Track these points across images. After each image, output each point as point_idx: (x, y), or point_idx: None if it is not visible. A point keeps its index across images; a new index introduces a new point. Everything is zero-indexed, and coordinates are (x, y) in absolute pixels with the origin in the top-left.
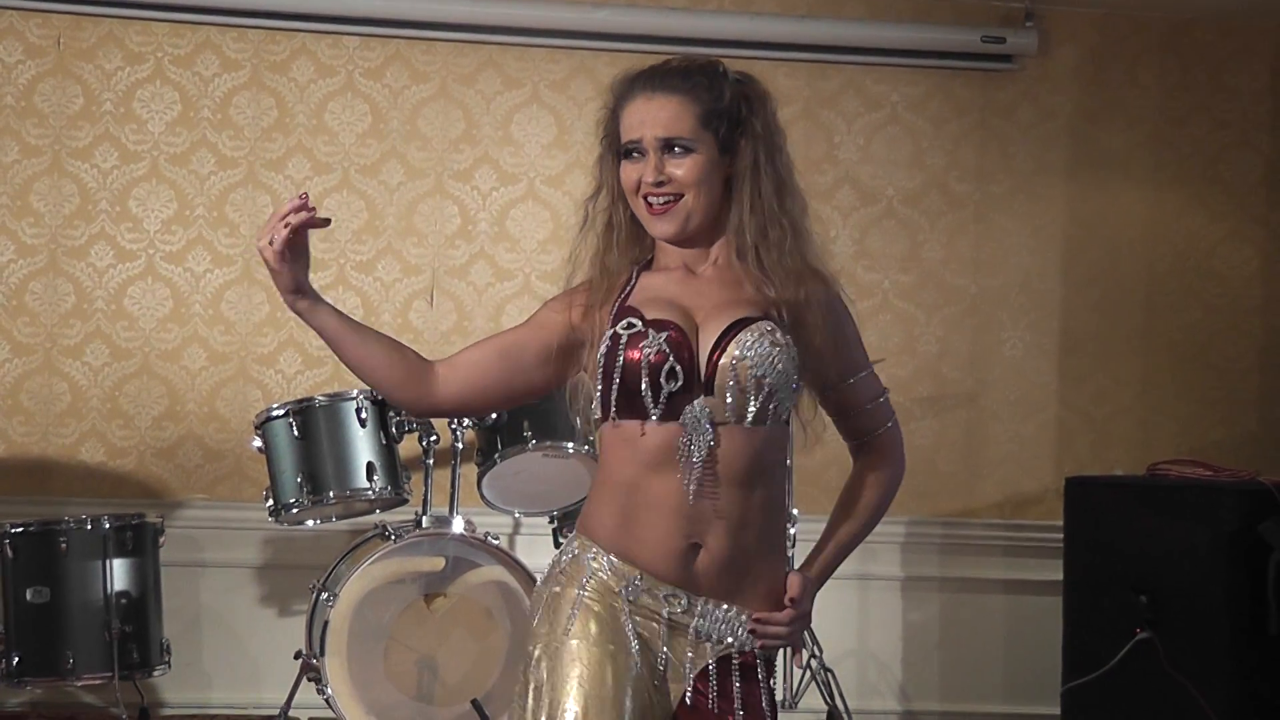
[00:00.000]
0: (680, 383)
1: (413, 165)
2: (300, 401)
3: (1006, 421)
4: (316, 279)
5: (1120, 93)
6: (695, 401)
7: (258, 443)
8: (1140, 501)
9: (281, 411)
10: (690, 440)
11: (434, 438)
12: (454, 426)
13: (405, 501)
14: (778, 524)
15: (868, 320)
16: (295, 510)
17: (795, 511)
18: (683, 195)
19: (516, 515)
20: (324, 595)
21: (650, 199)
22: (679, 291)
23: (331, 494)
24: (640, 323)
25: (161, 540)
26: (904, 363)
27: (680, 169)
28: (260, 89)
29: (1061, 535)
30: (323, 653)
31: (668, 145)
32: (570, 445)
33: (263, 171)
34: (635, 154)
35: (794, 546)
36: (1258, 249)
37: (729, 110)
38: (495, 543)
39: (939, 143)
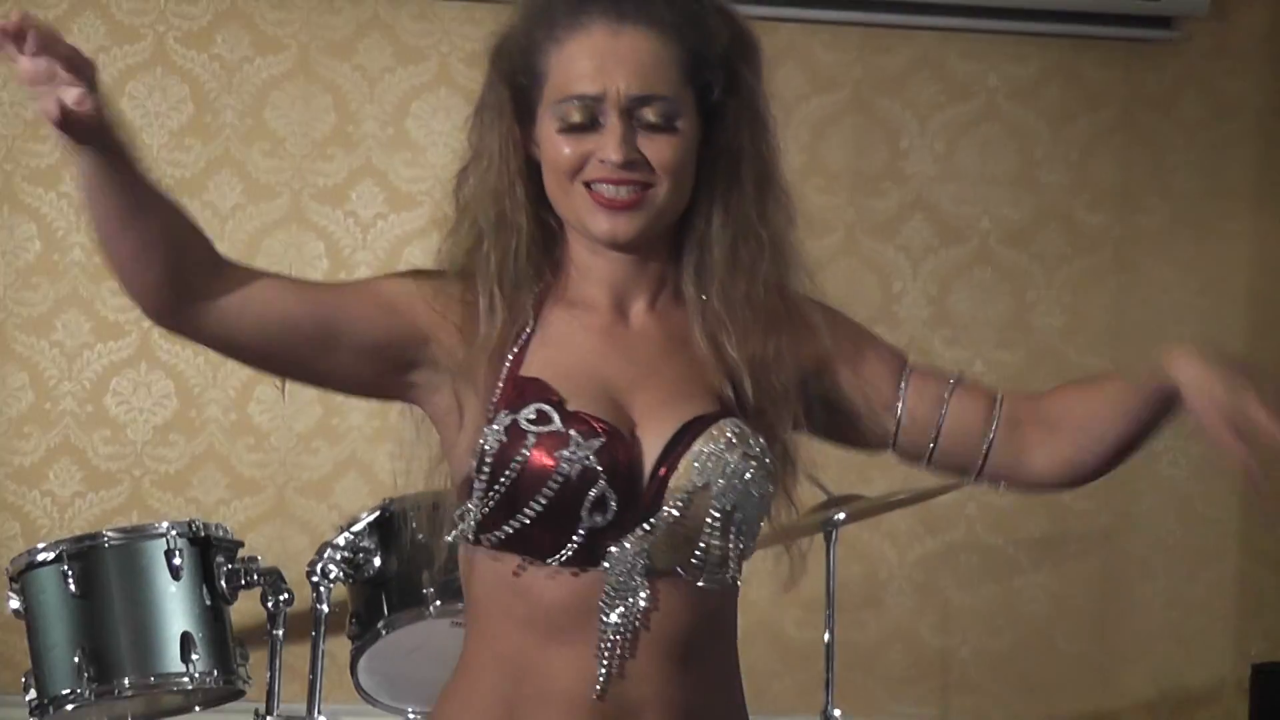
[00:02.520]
0: (610, 517)
1: (256, 178)
2: (80, 540)
3: (1162, 576)
4: (111, 349)
5: None
6: (626, 541)
7: (14, 603)
8: None
9: (51, 555)
10: (615, 598)
11: (285, 596)
12: (315, 579)
13: (241, 694)
14: (734, 692)
15: None
16: (71, 705)
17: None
18: (652, 185)
19: (411, 716)
20: None
21: (606, 186)
22: (604, 354)
23: (127, 682)
24: (556, 416)
25: None
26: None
27: (658, 147)
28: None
29: None
30: None
31: (640, 107)
32: None
33: (23, 186)
34: (580, 116)
35: None
36: None
37: (721, 59)
38: None
39: (1059, 150)
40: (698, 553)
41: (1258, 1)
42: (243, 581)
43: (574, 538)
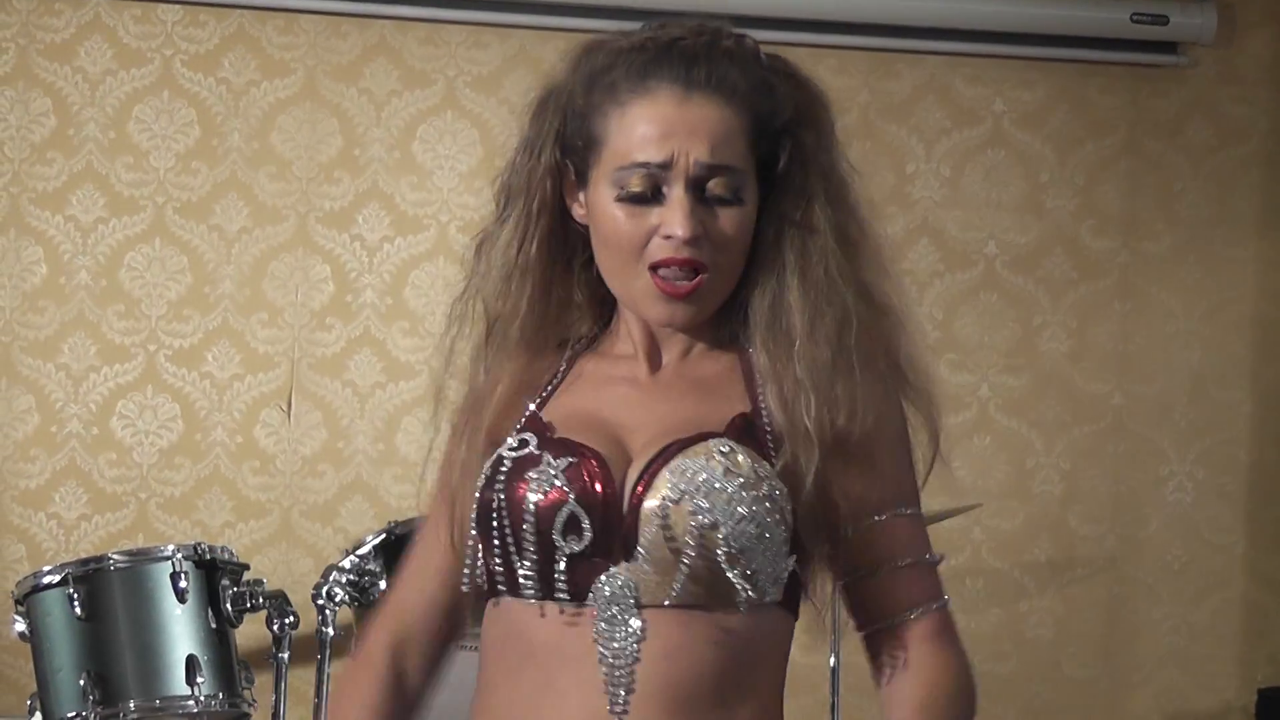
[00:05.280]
0: (586, 541)
1: (261, 202)
2: (85, 563)
3: (1168, 602)
4: (117, 372)
5: None
6: (613, 570)
7: (20, 626)
8: None
9: (56, 578)
10: (609, 636)
11: (290, 619)
12: (321, 602)
13: (247, 717)
14: None
15: (956, 446)
16: None
17: None
18: (710, 269)
19: None
20: None
21: (669, 270)
22: (620, 400)
23: (133, 705)
24: (535, 441)
25: None
26: (1010, 510)
27: (722, 221)
28: (30, 83)
29: None
30: None
31: (708, 179)
32: None
33: (29, 209)
34: (642, 186)
35: None
36: None
37: (786, 127)
38: None
39: (1066, 175)
40: (681, 576)
41: (1265, 28)
42: (248, 605)
43: (557, 570)
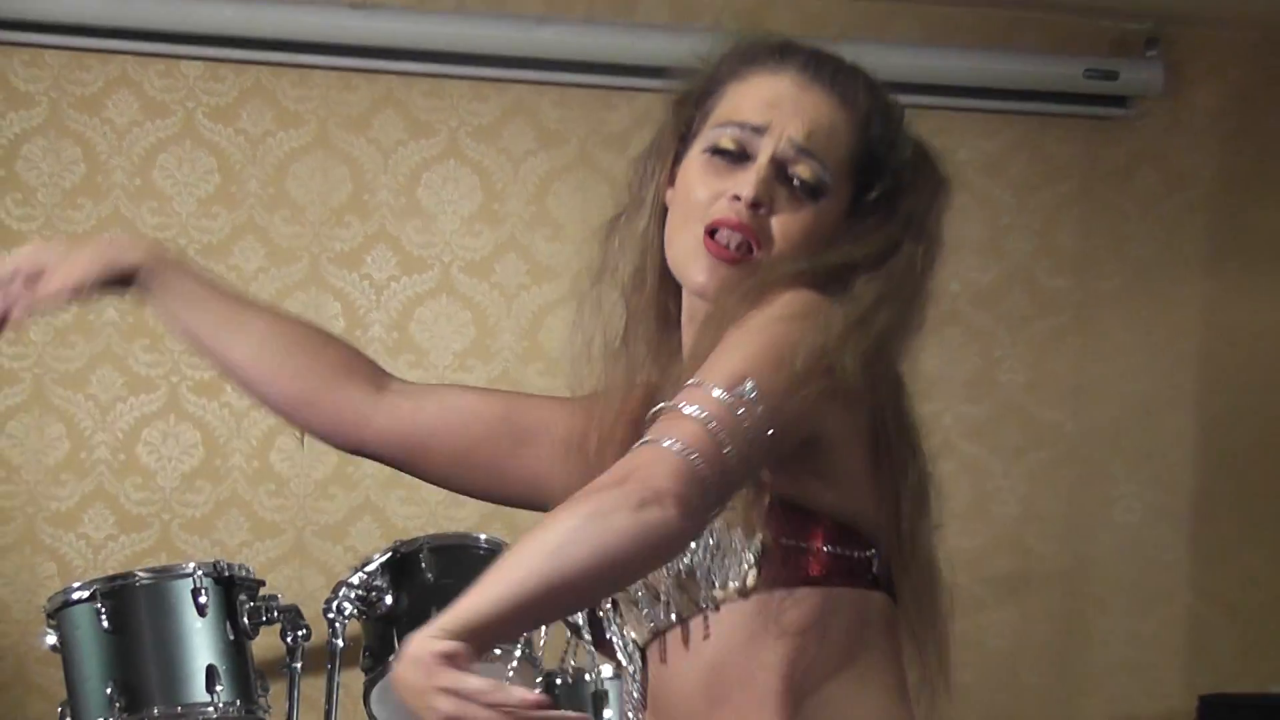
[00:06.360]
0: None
1: (277, 244)
2: (112, 579)
3: (1117, 615)
4: (142, 402)
5: None
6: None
7: (51, 639)
8: None
9: (85, 594)
10: (629, 684)
11: (303, 632)
12: (331, 616)
13: None
14: None
15: None
16: None
17: None
18: (761, 244)
19: None
20: None
21: (720, 232)
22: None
23: (156, 711)
24: None
25: None
26: (972, 530)
27: (790, 215)
28: (61, 134)
29: None
30: None
31: (795, 162)
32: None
33: None
34: (732, 144)
35: None
36: None
37: (895, 170)
38: None
39: (1024, 219)
40: (634, 594)
41: (1209, 82)
42: (264, 618)
43: (604, 634)
